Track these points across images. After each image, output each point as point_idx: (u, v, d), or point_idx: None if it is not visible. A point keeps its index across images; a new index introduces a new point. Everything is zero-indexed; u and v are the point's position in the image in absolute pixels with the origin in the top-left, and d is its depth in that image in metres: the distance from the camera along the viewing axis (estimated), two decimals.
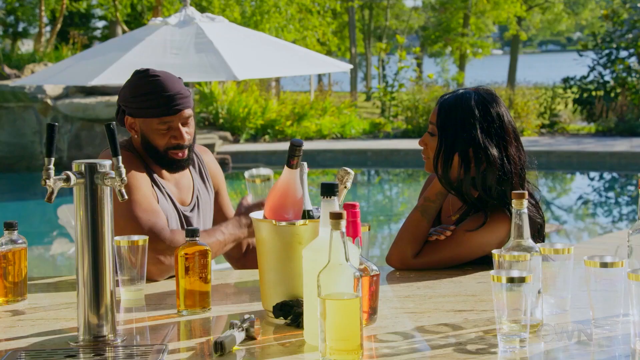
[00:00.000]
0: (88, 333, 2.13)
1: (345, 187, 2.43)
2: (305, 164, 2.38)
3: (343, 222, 1.94)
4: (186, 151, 2.97)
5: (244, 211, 2.91)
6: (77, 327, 2.16)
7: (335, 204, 2.06)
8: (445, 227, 2.85)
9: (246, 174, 2.85)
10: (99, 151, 2.97)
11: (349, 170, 2.44)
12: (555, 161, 14.76)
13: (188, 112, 2.96)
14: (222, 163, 14.04)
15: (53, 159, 2.09)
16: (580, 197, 13.66)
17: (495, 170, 2.78)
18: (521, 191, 2.17)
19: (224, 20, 7.69)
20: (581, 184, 15.06)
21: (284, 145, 14.79)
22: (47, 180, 2.08)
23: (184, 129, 2.95)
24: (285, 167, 2.30)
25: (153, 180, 2.96)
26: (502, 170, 2.79)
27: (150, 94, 2.91)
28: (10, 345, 2.14)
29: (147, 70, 2.98)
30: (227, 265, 3.36)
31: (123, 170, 2.11)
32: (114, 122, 2.16)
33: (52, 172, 2.08)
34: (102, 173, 2.11)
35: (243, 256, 3.22)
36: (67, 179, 2.09)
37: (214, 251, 2.86)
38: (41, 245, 10.28)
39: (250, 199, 2.89)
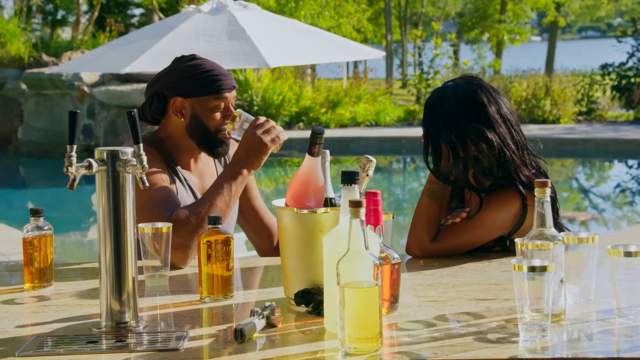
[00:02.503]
0: (110, 319, 2.15)
1: (368, 175, 2.42)
2: (327, 151, 2.37)
3: (362, 210, 1.94)
4: None
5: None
6: (99, 314, 2.18)
7: (356, 191, 2.06)
8: (460, 210, 2.86)
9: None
10: None
11: (371, 158, 2.43)
12: (592, 149, 14.62)
13: (235, 93, 3.02)
14: None
15: (75, 147, 2.10)
16: (618, 185, 13.51)
17: (485, 154, 2.78)
18: (543, 180, 2.15)
19: (257, 7, 7.70)
20: (619, 171, 14.89)
21: None
22: (69, 168, 2.09)
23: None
24: (307, 154, 2.29)
25: (175, 173, 2.97)
26: (493, 153, 2.78)
27: (207, 71, 2.95)
28: (34, 330, 2.17)
29: (192, 54, 3.04)
30: (254, 252, 3.36)
31: (144, 158, 2.12)
32: (135, 110, 2.17)
33: (74, 159, 2.10)
34: (123, 160, 2.12)
35: (275, 250, 3.21)
36: (89, 166, 2.10)
37: (225, 204, 2.82)
38: (78, 231, 10.40)
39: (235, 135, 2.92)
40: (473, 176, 2.86)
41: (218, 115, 2.97)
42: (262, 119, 2.88)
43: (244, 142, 2.86)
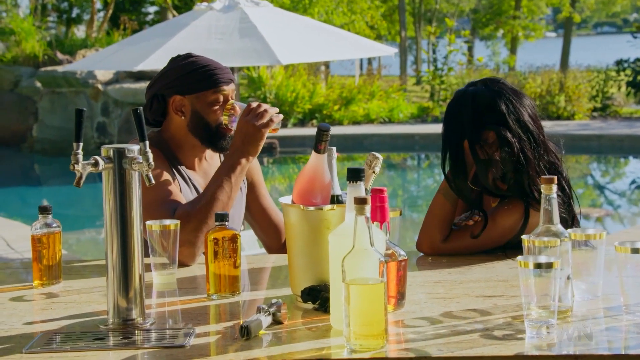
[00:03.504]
0: (117, 316, 2.16)
1: (374, 172, 2.42)
2: (334, 148, 2.37)
3: (367, 207, 1.94)
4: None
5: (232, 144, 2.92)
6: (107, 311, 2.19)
7: (361, 188, 2.06)
8: (475, 212, 2.84)
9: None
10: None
11: (377, 155, 2.42)
12: (607, 145, 14.55)
13: (233, 86, 3.02)
14: (270, 147, 14.09)
15: (81, 144, 2.11)
16: (633, 182, 13.45)
17: (501, 158, 2.76)
18: (550, 176, 2.14)
19: (268, 4, 7.70)
20: (634, 168, 14.82)
21: (332, 130, 14.72)
22: (76, 165, 2.10)
23: None
24: (313, 151, 2.29)
25: (179, 173, 2.98)
26: (512, 158, 2.76)
27: (203, 67, 2.97)
28: (42, 327, 2.18)
29: (187, 53, 3.06)
30: (263, 250, 3.37)
31: (150, 155, 2.12)
32: (141, 107, 2.17)
33: (80, 157, 2.11)
34: (130, 158, 2.13)
35: (283, 247, 3.21)
36: (96, 164, 2.11)
37: (228, 193, 2.83)
38: (93, 228, 10.44)
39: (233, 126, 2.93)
40: (492, 181, 2.83)
41: (218, 109, 2.97)
42: (254, 104, 2.89)
43: (238, 131, 2.87)
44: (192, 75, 2.96)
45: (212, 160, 3.11)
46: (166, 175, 2.89)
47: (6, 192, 13.22)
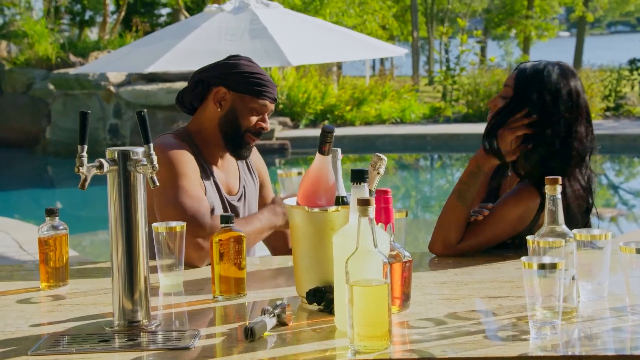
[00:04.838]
0: (123, 318, 2.16)
1: (379, 174, 2.41)
2: (339, 150, 2.38)
3: (371, 209, 1.94)
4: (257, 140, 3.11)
5: (278, 200, 3.02)
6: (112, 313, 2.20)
7: (365, 190, 2.06)
8: (483, 207, 2.84)
9: (279, 171, 3.06)
10: None
11: (381, 156, 2.42)
12: (619, 144, 14.49)
13: (273, 107, 3.10)
14: (282, 148, 14.11)
15: (86, 147, 2.12)
16: None
17: (550, 146, 2.75)
18: (554, 177, 2.14)
19: (279, 5, 7.72)
20: None
21: (344, 131, 14.81)
22: (80, 168, 2.11)
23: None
24: (317, 153, 2.30)
25: (202, 169, 3.02)
26: (563, 146, 2.76)
27: (260, 74, 3.04)
28: (49, 329, 2.19)
29: (247, 56, 3.14)
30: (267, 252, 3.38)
31: (154, 158, 2.13)
32: (145, 110, 2.18)
33: (85, 159, 2.11)
34: (134, 160, 2.14)
35: (289, 250, 3.23)
36: (100, 166, 2.12)
37: (252, 239, 2.92)
38: (105, 230, 10.46)
39: (283, 195, 3.05)
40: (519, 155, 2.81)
41: (254, 119, 3.05)
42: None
43: (273, 208, 2.99)
44: (247, 76, 3.02)
45: (231, 159, 3.17)
46: (196, 170, 2.96)
47: (19, 194, 13.28)
